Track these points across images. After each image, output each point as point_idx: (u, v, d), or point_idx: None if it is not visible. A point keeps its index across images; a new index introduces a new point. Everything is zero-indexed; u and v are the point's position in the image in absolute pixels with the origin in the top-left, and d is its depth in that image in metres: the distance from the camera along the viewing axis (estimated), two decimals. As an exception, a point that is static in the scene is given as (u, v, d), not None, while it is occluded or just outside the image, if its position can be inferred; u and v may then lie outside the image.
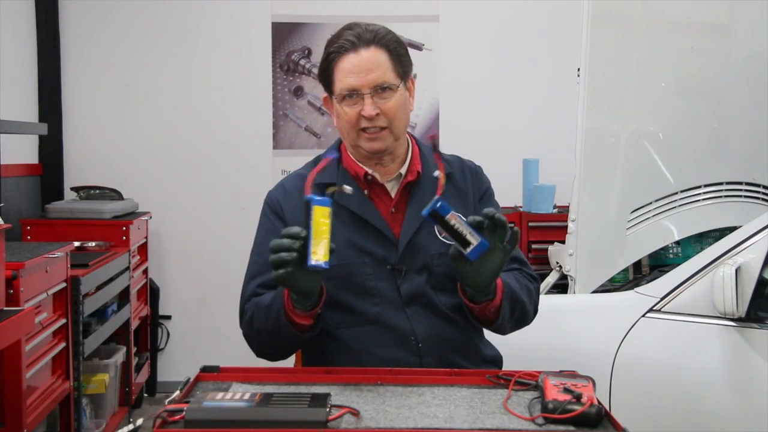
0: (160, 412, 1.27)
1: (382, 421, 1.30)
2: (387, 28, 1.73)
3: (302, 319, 1.60)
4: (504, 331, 1.78)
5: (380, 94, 1.68)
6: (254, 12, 4.30)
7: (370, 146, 1.71)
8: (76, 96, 4.25)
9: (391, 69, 1.69)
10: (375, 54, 1.68)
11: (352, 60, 1.67)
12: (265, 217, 1.79)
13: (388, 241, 1.72)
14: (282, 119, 4.36)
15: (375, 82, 1.67)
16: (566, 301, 2.62)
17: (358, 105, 1.68)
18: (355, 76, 1.67)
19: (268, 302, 1.64)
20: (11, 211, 3.55)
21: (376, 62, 1.67)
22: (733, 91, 2.98)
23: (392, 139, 1.72)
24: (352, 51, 1.67)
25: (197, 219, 4.34)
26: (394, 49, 1.70)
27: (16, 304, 2.20)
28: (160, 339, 4.34)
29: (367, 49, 1.67)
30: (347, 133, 1.73)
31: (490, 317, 1.69)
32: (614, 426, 1.29)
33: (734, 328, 2.12)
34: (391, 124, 1.70)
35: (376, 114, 1.67)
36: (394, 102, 1.69)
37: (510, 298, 1.68)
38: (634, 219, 2.79)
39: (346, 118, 1.70)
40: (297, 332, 1.62)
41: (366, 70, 1.66)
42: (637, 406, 2.20)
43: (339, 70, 1.69)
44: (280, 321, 1.60)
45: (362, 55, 1.67)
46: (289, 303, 1.58)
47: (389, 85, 1.68)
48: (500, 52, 4.37)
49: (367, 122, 1.68)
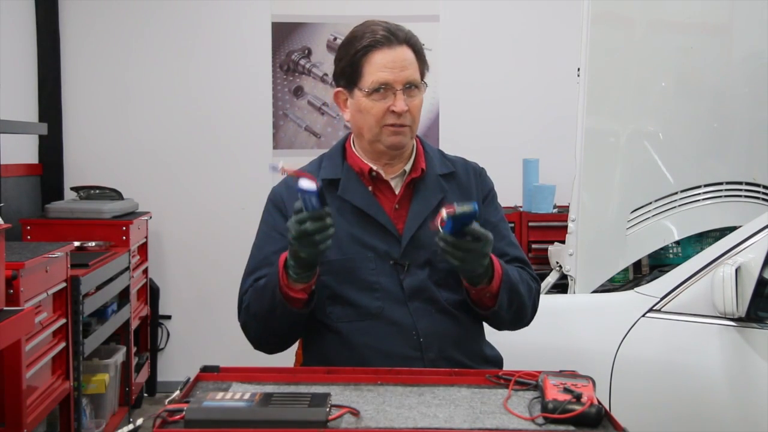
0: (160, 412, 1.27)
1: (382, 421, 1.30)
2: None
3: (297, 293, 1.62)
4: (502, 323, 1.79)
5: (409, 92, 1.72)
6: (254, 12, 4.30)
7: (392, 140, 1.73)
8: (76, 96, 4.25)
9: (418, 69, 1.74)
10: (407, 52, 1.72)
11: (388, 55, 1.70)
12: (267, 213, 1.81)
13: (392, 236, 1.73)
14: (282, 119, 4.36)
15: (407, 79, 1.71)
16: (566, 301, 2.62)
17: (387, 100, 1.70)
18: (389, 71, 1.69)
19: (263, 283, 1.67)
20: (11, 211, 3.55)
21: (408, 60, 1.72)
22: (733, 91, 2.98)
23: (410, 137, 1.76)
24: (387, 46, 1.70)
25: (197, 219, 4.34)
26: (420, 50, 1.76)
27: (16, 304, 2.20)
28: (160, 339, 4.34)
29: (401, 46, 1.71)
30: (369, 128, 1.73)
31: (487, 303, 1.70)
32: (614, 426, 1.29)
33: (734, 328, 2.12)
34: (414, 123, 1.75)
35: (406, 110, 1.71)
36: (419, 101, 1.74)
37: (509, 288, 1.69)
38: (634, 219, 2.79)
39: (372, 112, 1.72)
40: (293, 308, 1.63)
41: (401, 66, 1.70)
42: (637, 406, 2.20)
43: (372, 63, 1.70)
44: (276, 298, 1.62)
45: (397, 52, 1.71)
46: (284, 278, 1.60)
47: (418, 84, 1.73)
48: (500, 52, 4.37)
49: (395, 118, 1.71)
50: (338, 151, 1.83)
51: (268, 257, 1.73)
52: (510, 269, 1.73)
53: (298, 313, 1.65)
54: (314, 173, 1.80)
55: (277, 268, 1.62)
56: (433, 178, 1.79)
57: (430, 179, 1.79)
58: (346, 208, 1.75)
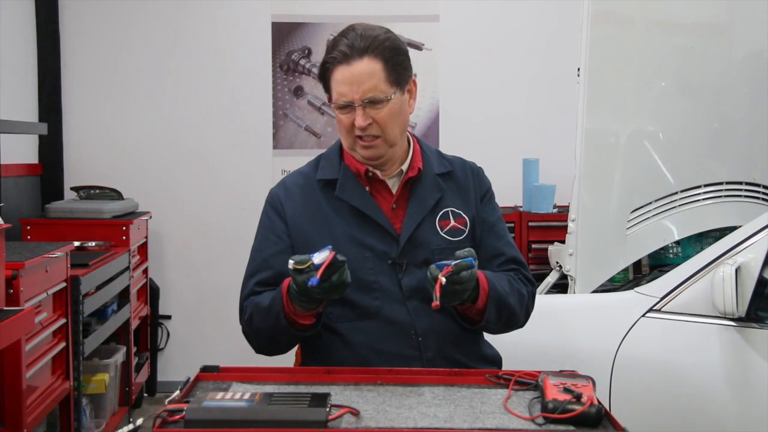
0: (160, 412, 1.27)
1: (382, 421, 1.30)
2: (387, 30, 1.73)
3: (304, 319, 1.62)
4: (491, 331, 1.80)
5: (372, 105, 1.69)
6: (254, 12, 4.30)
7: (365, 154, 1.74)
8: (76, 96, 4.25)
9: (384, 79, 1.69)
10: (367, 65, 1.67)
11: (344, 72, 1.68)
12: (265, 215, 1.81)
13: (389, 236, 1.73)
14: (282, 119, 4.35)
15: (366, 95, 1.68)
16: (566, 301, 2.62)
17: (351, 114, 1.70)
18: (347, 88, 1.68)
19: (267, 304, 1.65)
20: (11, 211, 3.55)
21: (367, 73, 1.67)
22: (733, 91, 2.98)
23: (386, 147, 1.74)
24: (344, 63, 1.68)
25: (197, 219, 4.34)
26: (390, 57, 1.70)
27: (16, 304, 2.20)
28: (160, 339, 4.33)
29: (360, 60, 1.67)
30: (344, 139, 1.77)
31: (474, 317, 1.71)
32: (614, 426, 1.29)
33: (734, 328, 2.12)
34: (384, 133, 1.71)
35: (368, 124, 1.69)
36: (386, 112, 1.70)
37: (496, 303, 1.68)
38: (634, 219, 2.79)
39: (342, 124, 1.73)
40: (298, 332, 1.63)
41: (357, 83, 1.67)
42: (637, 406, 2.20)
43: (333, 80, 1.71)
44: (280, 322, 1.62)
45: (354, 68, 1.67)
46: (290, 305, 1.59)
47: (381, 97, 1.68)
48: (500, 52, 4.37)
49: (360, 131, 1.70)
50: (335, 151, 1.83)
51: (267, 260, 1.74)
52: (500, 281, 1.72)
53: (303, 335, 1.67)
54: (312, 173, 1.82)
55: (281, 293, 1.61)
56: (431, 178, 1.80)
57: (428, 179, 1.79)
58: (343, 208, 1.75)
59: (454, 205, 1.79)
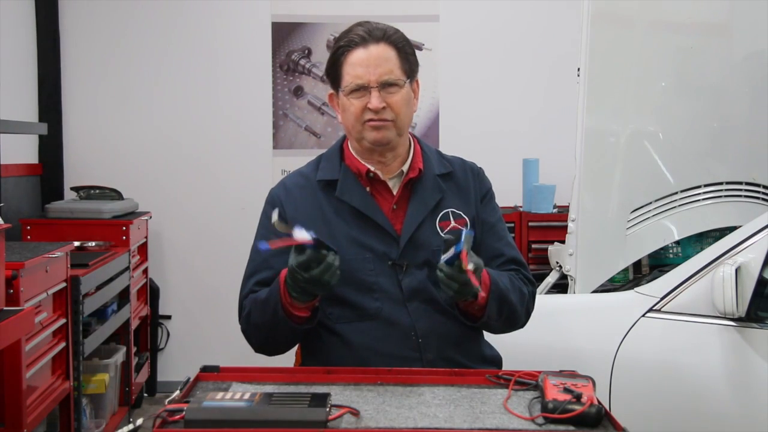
0: (160, 412, 1.27)
1: (382, 421, 1.30)
2: (396, 28, 1.77)
3: (301, 311, 1.62)
4: (492, 330, 1.80)
5: (387, 89, 1.71)
6: (254, 12, 4.30)
7: (374, 136, 1.73)
8: (76, 96, 4.25)
9: (399, 66, 1.73)
10: (384, 50, 1.72)
11: (361, 54, 1.71)
12: (265, 216, 1.81)
13: (390, 237, 1.73)
14: (282, 119, 4.35)
15: (382, 77, 1.70)
16: (566, 301, 2.62)
17: (364, 98, 1.71)
18: (363, 69, 1.70)
19: (265, 297, 1.66)
20: (11, 211, 3.55)
21: (384, 57, 1.71)
22: (733, 91, 2.98)
23: (396, 133, 1.74)
24: (361, 45, 1.71)
25: (197, 219, 4.34)
26: (402, 47, 1.75)
27: (16, 304, 2.20)
28: (160, 339, 4.33)
29: (377, 45, 1.71)
30: (352, 126, 1.75)
31: (475, 314, 1.71)
32: (614, 426, 1.29)
33: (734, 328, 2.12)
34: (396, 118, 1.73)
35: (383, 107, 1.70)
36: (400, 97, 1.72)
37: (497, 298, 1.69)
38: (634, 219, 2.79)
39: (352, 110, 1.73)
40: (295, 324, 1.63)
41: (374, 65, 1.70)
42: (637, 406, 2.20)
43: (348, 63, 1.72)
44: (278, 315, 1.62)
45: (371, 50, 1.71)
46: (287, 297, 1.60)
47: (396, 81, 1.72)
48: (500, 52, 4.37)
49: (373, 114, 1.71)
50: (336, 152, 1.83)
51: (266, 260, 1.73)
52: (501, 277, 1.73)
53: (301, 328, 1.66)
54: (312, 174, 1.81)
55: (277, 286, 1.62)
56: (431, 179, 1.80)
57: (428, 179, 1.79)
58: (344, 209, 1.75)
59: (454, 206, 1.79)
